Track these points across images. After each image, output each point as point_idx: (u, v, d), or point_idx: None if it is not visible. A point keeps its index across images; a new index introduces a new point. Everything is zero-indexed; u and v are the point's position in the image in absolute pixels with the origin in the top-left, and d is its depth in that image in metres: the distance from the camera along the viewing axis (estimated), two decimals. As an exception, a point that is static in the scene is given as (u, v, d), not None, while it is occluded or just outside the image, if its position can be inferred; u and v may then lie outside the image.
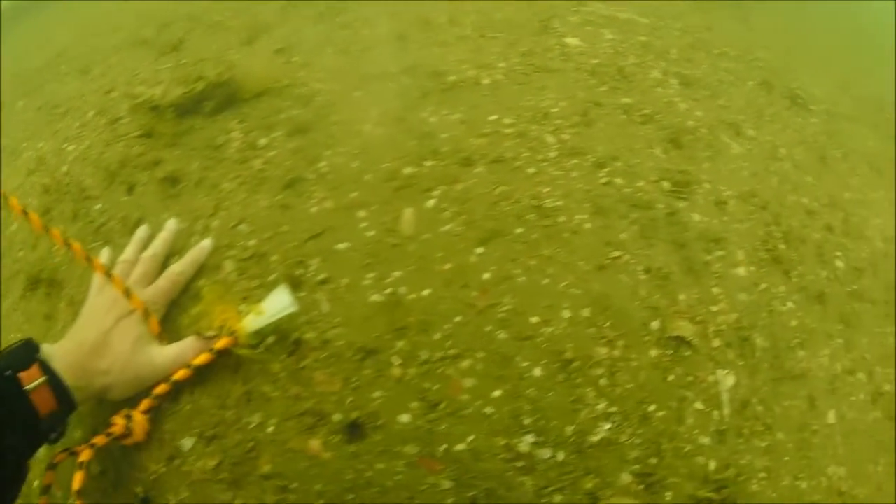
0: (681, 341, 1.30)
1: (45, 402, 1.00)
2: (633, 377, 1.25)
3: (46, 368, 1.03)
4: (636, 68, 1.97)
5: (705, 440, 1.24)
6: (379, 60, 1.84)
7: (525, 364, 1.27)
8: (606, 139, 1.71)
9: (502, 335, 1.31)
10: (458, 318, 1.33)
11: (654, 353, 1.28)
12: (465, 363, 1.28)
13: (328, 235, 1.44)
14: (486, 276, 1.39)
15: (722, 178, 1.76)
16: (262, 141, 1.63)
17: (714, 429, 1.25)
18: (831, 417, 1.54)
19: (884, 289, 1.93)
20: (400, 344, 1.30)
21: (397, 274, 1.37)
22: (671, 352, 1.29)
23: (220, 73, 1.77)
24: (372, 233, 1.43)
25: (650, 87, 1.94)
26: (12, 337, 1.64)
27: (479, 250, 1.42)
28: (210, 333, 1.20)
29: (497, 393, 1.25)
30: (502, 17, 2.01)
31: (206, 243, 1.40)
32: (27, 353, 1.04)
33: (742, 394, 1.32)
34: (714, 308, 1.39)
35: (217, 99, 1.74)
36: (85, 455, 1.06)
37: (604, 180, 1.60)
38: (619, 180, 1.62)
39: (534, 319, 1.33)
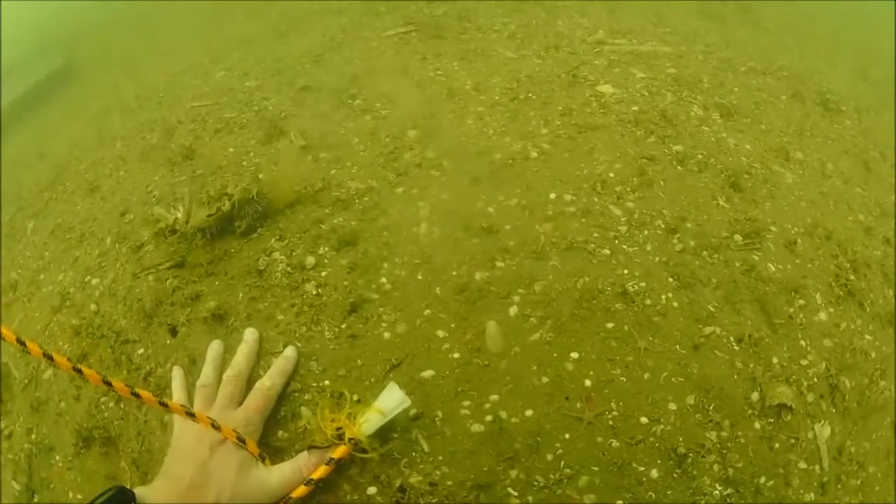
0: (782, 407, 1.27)
1: None
2: (743, 454, 1.20)
3: None
4: (677, 108, 1.83)
5: (810, 496, 1.22)
6: (412, 145, 1.66)
7: (641, 469, 1.19)
8: (670, 199, 1.58)
9: (615, 443, 1.19)
10: (567, 435, 1.19)
11: (758, 425, 1.24)
12: (583, 480, 1.16)
13: (409, 363, 1.27)
14: (588, 382, 1.25)
15: (785, 216, 1.66)
16: (310, 260, 1.44)
17: (817, 483, 1.23)
18: (914, 436, 1.52)
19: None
20: (513, 473, 1.16)
21: (494, 398, 1.22)
22: (773, 420, 1.25)
23: (246, 186, 1.55)
24: (457, 354, 1.26)
25: (696, 128, 1.79)
26: (70, 497, 1.48)
27: (574, 356, 1.27)
28: (324, 444, 1.12)
29: (619, 503, 1.17)
30: (527, 74, 1.85)
31: (290, 352, 1.28)
32: (123, 501, 0.95)
33: (837, 440, 1.30)
34: (804, 362, 1.35)
35: (248, 216, 1.51)
36: None
37: (679, 247, 1.47)
38: (692, 243, 1.50)
39: (643, 420, 1.22)
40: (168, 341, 1.44)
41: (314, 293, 1.40)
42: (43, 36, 4.28)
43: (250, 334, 1.32)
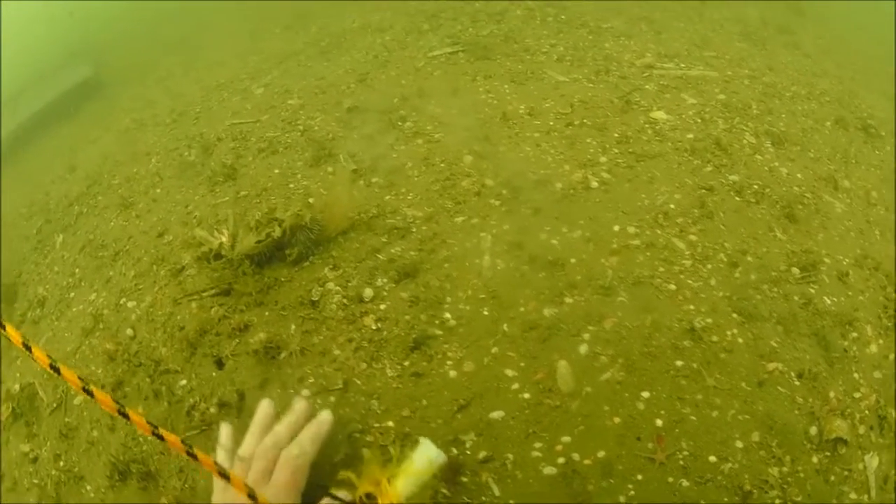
0: (838, 441, 1.26)
1: None
2: (802, 489, 1.20)
3: None
4: (730, 136, 1.78)
5: (858, 526, 1.19)
6: (468, 172, 1.59)
7: (710, 508, 1.16)
8: (730, 231, 1.53)
9: (685, 483, 1.14)
10: (639, 476, 1.14)
11: (815, 459, 1.23)
12: (655, 522, 1.11)
13: (477, 404, 1.20)
14: (659, 422, 1.20)
15: (837, 248, 1.63)
16: (368, 292, 1.37)
17: (864, 512, 1.24)
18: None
19: None
20: (586, 517, 1.11)
21: (566, 439, 1.16)
22: (829, 453, 1.24)
23: (297, 211, 1.47)
24: (527, 395, 1.20)
25: (749, 157, 1.74)
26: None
27: (645, 395, 1.22)
28: (345, 499, 1.03)
29: (688, 544, 1.12)
30: (580, 99, 1.79)
31: (326, 416, 1.15)
32: None
33: (883, 469, 1.29)
34: (857, 395, 1.35)
35: (300, 244, 1.43)
36: None
37: (741, 281, 1.43)
38: (753, 276, 1.46)
39: (712, 458, 1.18)
40: (213, 374, 1.35)
41: (374, 327, 1.32)
42: (72, 46, 4.20)
43: (300, 405, 1.17)
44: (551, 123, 1.70)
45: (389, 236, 1.47)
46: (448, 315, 1.31)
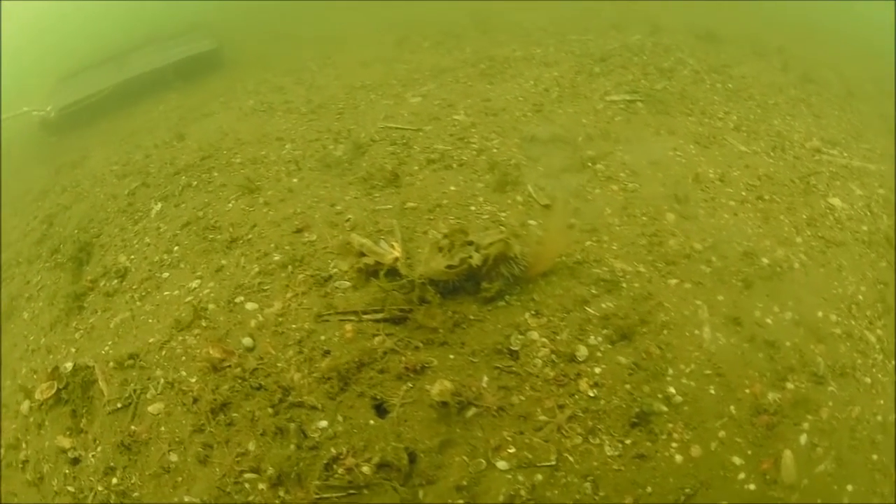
0: None
1: None
2: None
3: None
4: (893, 233, 1.71)
5: None
6: (673, 231, 1.47)
7: None
8: None
9: None
10: None
11: None
12: None
13: (703, 495, 1.08)
14: None
15: None
16: (582, 350, 1.18)
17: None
18: None
19: None
20: None
21: None
22: None
23: (505, 239, 1.23)
24: (752, 486, 1.10)
25: None
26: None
27: (850, 488, 1.16)
28: None
29: None
30: (765, 172, 1.70)
31: None
32: None
33: None
34: None
35: (503, 279, 1.22)
36: None
37: None
38: None
39: None
40: (371, 422, 1.09)
41: (590, 394, 1.15)
42: (196, 17, 3.76)
43: None
44: (743, 194, 1.64)
45: (597, 288, 1.34)
46: (672, 389, 1.19)
